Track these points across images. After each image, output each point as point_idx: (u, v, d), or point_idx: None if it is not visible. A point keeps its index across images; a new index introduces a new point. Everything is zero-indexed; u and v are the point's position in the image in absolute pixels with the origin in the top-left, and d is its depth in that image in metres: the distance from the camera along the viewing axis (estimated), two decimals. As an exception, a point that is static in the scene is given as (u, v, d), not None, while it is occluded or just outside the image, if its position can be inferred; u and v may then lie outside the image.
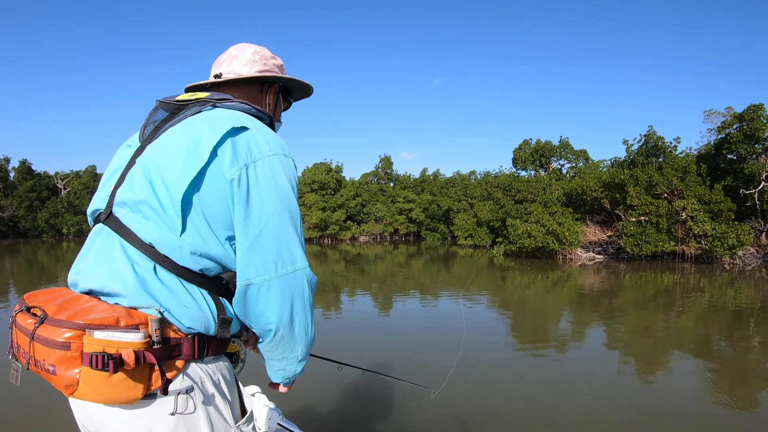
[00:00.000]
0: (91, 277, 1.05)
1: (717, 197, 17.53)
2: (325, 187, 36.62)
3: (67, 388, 0.92)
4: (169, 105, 1.19)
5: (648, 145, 20.64)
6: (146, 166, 1.07)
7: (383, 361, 5.48)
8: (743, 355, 5.97)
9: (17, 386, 1.04)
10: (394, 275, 15.06)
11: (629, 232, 17.97)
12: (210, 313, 1.06)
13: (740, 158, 18.73)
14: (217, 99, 1.18)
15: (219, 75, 1.32)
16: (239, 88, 1.33)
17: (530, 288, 12.33)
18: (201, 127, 1.08)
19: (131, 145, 1.20)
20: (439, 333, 6.90)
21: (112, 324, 0.92)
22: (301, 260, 1.08)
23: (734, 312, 8.85)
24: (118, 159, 1.19)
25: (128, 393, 0.93)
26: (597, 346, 6.52)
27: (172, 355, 0.99)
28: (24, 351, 0.96)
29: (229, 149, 1.05)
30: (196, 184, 1.03)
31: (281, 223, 1.06)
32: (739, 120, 18.86)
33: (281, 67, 1.41)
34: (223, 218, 1.05)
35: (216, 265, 1.07)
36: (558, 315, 8.86)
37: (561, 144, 35.52)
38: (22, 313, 0.99)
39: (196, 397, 1.02)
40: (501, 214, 24.28)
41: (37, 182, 42.82)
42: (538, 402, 4.27)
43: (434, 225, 36.44)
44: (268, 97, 1.39)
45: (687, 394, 4.57)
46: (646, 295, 10.97)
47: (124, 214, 1.06)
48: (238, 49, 1.35)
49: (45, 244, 32.72)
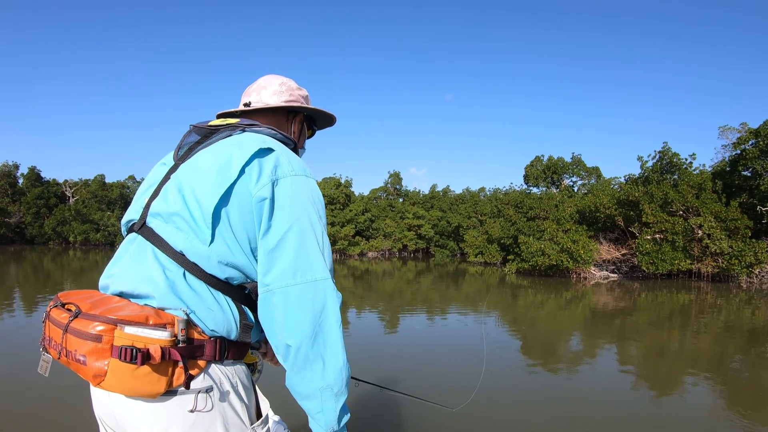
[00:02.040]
0: (122, 281, 1.12)
1: (733, 214, 17.20)
2: (334, 201, 36.60)
3: (95, 377, 0.98)
4: (202, 129, 1.29)
5: (663, 162, 20.40)
6: (179, 182, 1.17)
7: (397, 378, 5.36)
8: (759, 374, 5.81)
9: (46, 377, 1.12)
10: (405, 291, 14.84)
11: (645, 250, 17.62)
12: (233, 318, 1.12)
13: (756, 174, 18.42)
14: (247, 124, 1.28)
15: (248, 104, 1.45)
16: (267, 116, 1.46)
17: (544, 307, 12.08)
18: (231, 148, 1.17)
19: (166, 163, 1.30)
20: (455, 351, 6.76)
21: (142, 321, 0.99)
22: (321, 271, 1.12)
23: (751, 331, 8.58)
24: (153, 175, 1.29)
25: (152, 386, 0.99)
26: (616, 365, 6.38)
27: (195, 355, 1.06)
28: (56, 343, 1.03)
29: (256, 168, 1.14)
30: (225, 198, 1.12)
31: (301, 235, 1.12)
32: (755, 135, 18.61)
33: (306, 98, 1.53)
34: (248, 231, 1.13)
35: (240, 275, 1.15)
36: (575, 334, 8.66)
37: (573, 161, 35.29)
38: (56, 309, 1.07)
39: (214, 396, 1.08)
40: (512, 231, 24.02)
41: (45, 189, 43.23)
42: (555, 421, 4.18)
43: (443, 241, 36.18)
44: (293, 126, 1.51)
45: (705, 414, 4.49)
46: (663, 314, 10.69)
47: (158, 224, 1.15)
48: (267, 80, 1.48)
49: (51, 252, 32.80)
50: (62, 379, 3.60)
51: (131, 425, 1.06)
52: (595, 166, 35.23)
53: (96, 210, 41.58)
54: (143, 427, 1.05)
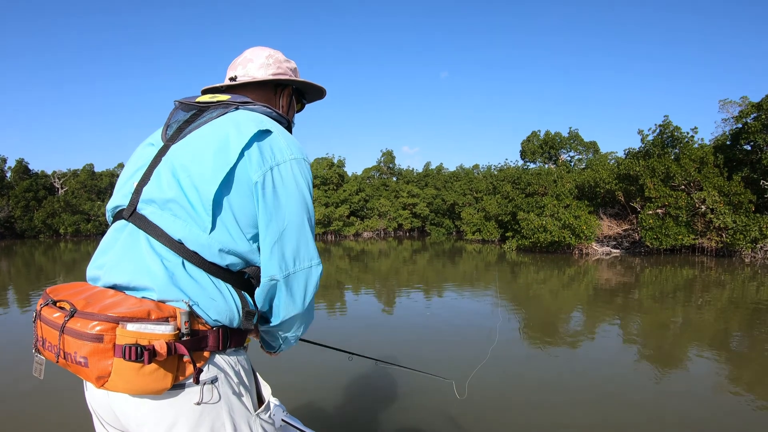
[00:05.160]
0: (116, 273, 1.05)
1: (736, 189, 16.96)
2: (328, 182, 36.07)
3: (99, 379, 0.93)
4: (190, 106, 1.22)
5: (664, 136, 20.00)
6: (173, 166, 1.10)
7: (396, 354, 5.20)
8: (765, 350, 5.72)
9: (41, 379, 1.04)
10: (423, 274, 14.48)
11: (648, 225, 17.37)
12: (235, 305, 1.09)
13: (757, 148, 18.16)
14: (240, 102, 1.22)
15: (234, 78, 1.36)
16: (254, 90, 1.37)
17: (547, 284, 11.84)
18: (227, 129, 1.12)
19: (154, 143, 1.20)
20: (463, 329, 6.54)
21: (144, 317, 0.94)
22: (316, 257, 1.17)
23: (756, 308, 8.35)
24: (140, 156, 1.20)
25: (158, 383, 0.95)
26: (623, 341, 6.25)
27: (199, 347, 1.02)
28: (51, 344, 0.97)
29: (255, 152, 1.10)
30: (225, 184, 1.07)
31: (301, 224, 1.13)
32: (757, 109, 18.33)
33: (294, 70, 1.45)
34: (249, 217, 1.10)
35: (241, 261, 1.11)
36: (582, 311, 8.40)
37: (570, 135, 34.86)
38: (48, 307, 1.00)
39: (220, 386, 1.05)
40: (510, 207, 23.70)
41: (33, 182, 42.20)
42: (559, 400, 4.06)
43: (439, 220, 35.88)
44: (282, 99, 1.43)
45: (708, 390, 4.41)
46: (670, 289, 10.46)
47: (152, 211, 1.09)
48: (253, 53, 1.39)
49: (42, 245, 32.21)
50: (60, 377, 3.26)
51: (134, 422, 1.02)
52: (592, 141, 34.90)
53: (86, 200, 40.63)
54: (148, 423, 1.00)
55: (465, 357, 5.11)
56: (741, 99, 25.09)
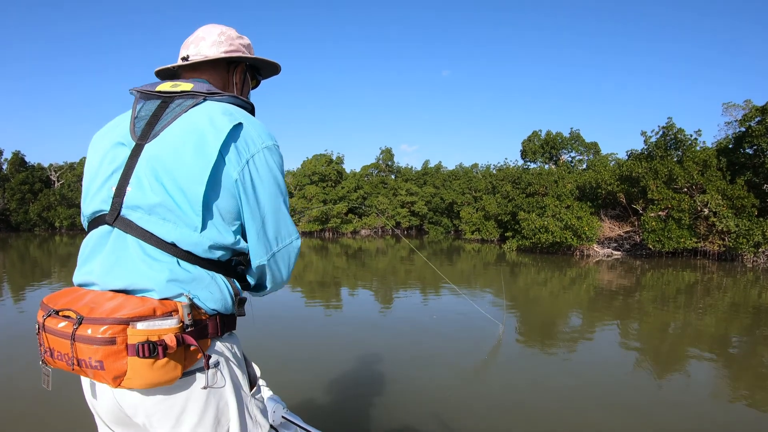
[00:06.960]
0: (110, 279, 1.07)
1: (739, 192, 16.79)
2: (326, 179, 35.83)
3: (115, 379, 0.96)
4: (152, 96, 1.20)
5: (667, 138, 19.80)
6: (154, 168, 1.09)
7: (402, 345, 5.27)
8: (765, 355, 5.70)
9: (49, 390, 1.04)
10: (422, 274, 14.28)
11: (650, 227, 17.18)
12: (228, 293, 1.14)
13: (761, 152, 17.99)
14: (207, 93, 1.19)
15: (186, 57, 1.33)
16: (207, 69, 1.35)
17: (548, 285, 11.68)
18: (202, 126, 1.11)
19: (124, 143, 1.16)
20: (463, 329, 6.41)
21: (150, 314, 0.98)
22: (294, 232, 1.24)
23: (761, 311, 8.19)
24: (112, 157, 1.16)
25: (170, 374, 0.99)
26: (623, 344, 6.24)
27: (203, 335, 1.07)
28: (62, 353, 0.99)
29: (232, 149, 1.11)
30: (209, 184, 1.08)
31: (278, 207, 1.18)
32: (761, 113, 18.11)
33: (248, 47, 1.43)
34: (232, 211, 1.13)
35: (229, 252, 1.16)
36: (584, 314, 8.27)
37: (572, 136, 34.67)
38: (51, 318, 1.01)
39: (223, 370, 1.11)
40: (510, 207, 23.50)
41: (30, 174, 41.88)
42: (558, 401, 4.10)
43: (437, 218, 35.68)
44: (235, 77, 1.40)
45: (706, 394, 4.43)
46: (671, 292, 10.33)
47: (139, 217, 1.09)
48: (205, 31, 1.36)
49: (37, 238, 32.02)
50: (58, 376, 3.67)
51: (143, 414, 1.05)
52: (593, 142, 34.72)
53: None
54: (158, 413, 1.04)
55: (468, 349, 5.20)
56: (745, 102, 25.01)
